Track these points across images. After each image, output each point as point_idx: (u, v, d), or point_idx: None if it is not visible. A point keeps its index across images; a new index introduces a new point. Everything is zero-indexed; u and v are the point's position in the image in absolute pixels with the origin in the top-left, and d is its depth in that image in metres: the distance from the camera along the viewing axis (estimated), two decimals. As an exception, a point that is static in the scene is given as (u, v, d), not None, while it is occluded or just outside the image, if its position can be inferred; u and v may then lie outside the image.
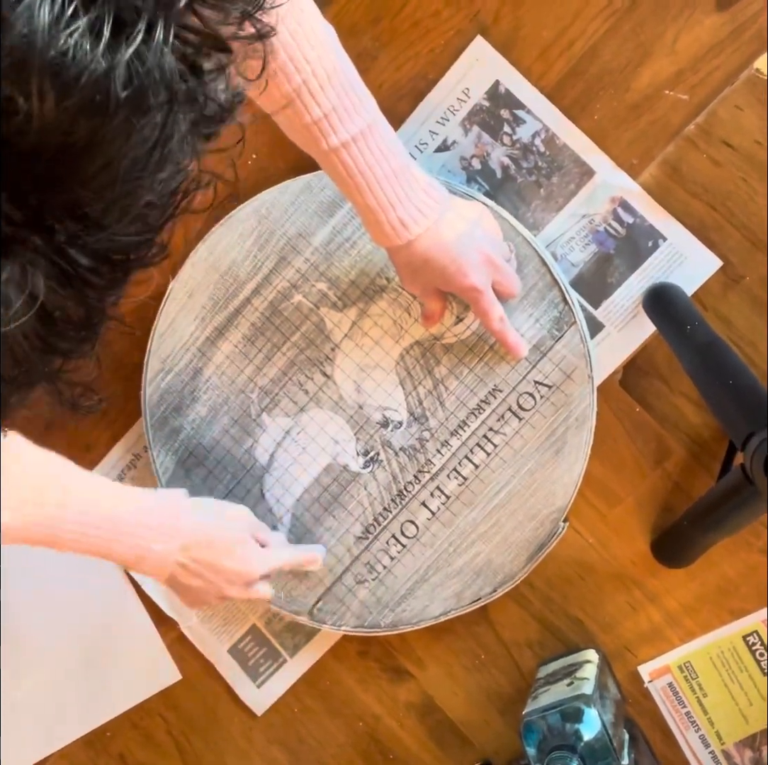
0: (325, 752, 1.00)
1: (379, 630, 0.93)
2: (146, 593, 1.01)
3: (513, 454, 0.89)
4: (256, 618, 0.99)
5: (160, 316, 0.95)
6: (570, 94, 0.87)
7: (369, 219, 0.78)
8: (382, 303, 0.90)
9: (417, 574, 0.91)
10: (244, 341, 0.93)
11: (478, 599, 0.91)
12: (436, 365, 0.90)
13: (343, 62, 0.73)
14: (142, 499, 0.82)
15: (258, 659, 1.00)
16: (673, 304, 0.84)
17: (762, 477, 0.69)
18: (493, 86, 0.89)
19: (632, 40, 0.85)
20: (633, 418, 0.88)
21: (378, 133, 0.75)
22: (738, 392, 0.74)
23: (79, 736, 1.04)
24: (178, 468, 0.95)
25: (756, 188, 0.84)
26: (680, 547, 0.86)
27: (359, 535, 0.92)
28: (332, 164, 0.75)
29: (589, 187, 0.88)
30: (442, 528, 0.91)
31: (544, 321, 0.87)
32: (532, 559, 0.89)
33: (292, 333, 0.92)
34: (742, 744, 0.89)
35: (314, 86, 0.71)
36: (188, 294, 0.94)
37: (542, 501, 0.88)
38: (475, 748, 0.96)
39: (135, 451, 1.00)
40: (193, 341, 0.94)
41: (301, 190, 0.91)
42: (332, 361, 0.92)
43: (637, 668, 0.91)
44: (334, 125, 0.73)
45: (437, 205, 0.79)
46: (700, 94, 0.84)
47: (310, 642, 0.98)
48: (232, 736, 1.02)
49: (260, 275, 0.93)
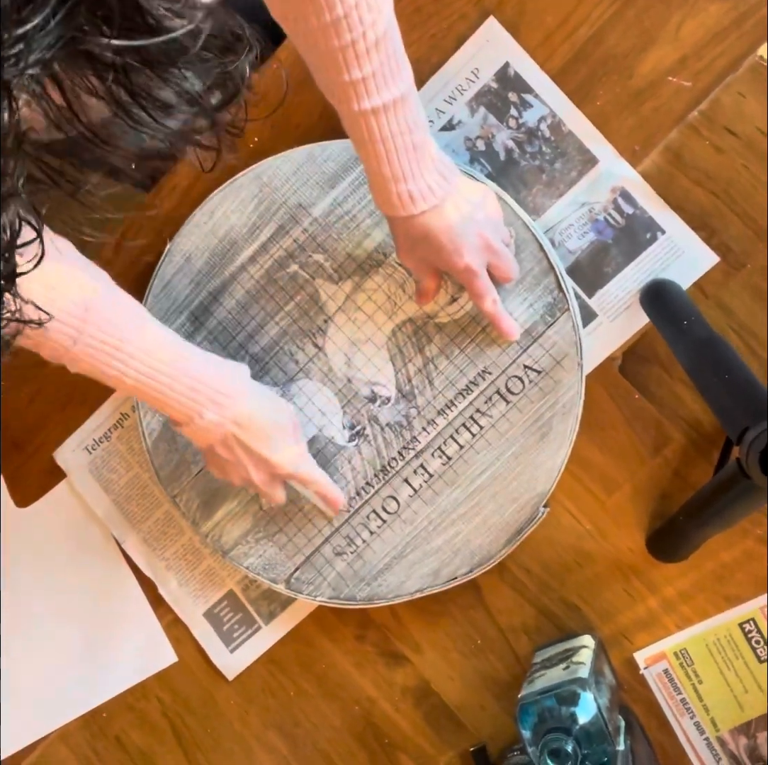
0: (320, 735, 1.00)
1: (354, 603, 0.93)
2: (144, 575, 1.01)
3: (498, 437, 0.89)
4: (234, 583, 1.00)
5: (155, 277, 0.95)
6: (573, 79, 0.87)
7: (379, 186, 0.78)
8: (378, 278, 0.90)
9: (395, 549, 0.92)
10: (238, 308, 0.93)
11: (454, 578, 0.91)
12: (428, 344, 0.90)
13: (393, 28, 0.73)
14: (208, 363, 0.83)
15: (233, 624, 1.00)
16: (670, 299, 0.84)
17: (758, 471, 0.69)
18: (503, 68, 0.88)
19: (636, 26, 0.85)
20: (632, 405, 0.88)
21: (409, 104, 0.75)
22: (734, 387, 0.74)
23: (76, 717, 1.04)
24: (164, 430, 0.96)
25: (758, 176, 0.84)
26: (675, 542, 0.86)
27: (340, 508, 0.92)
28: (357, 125, 0.75)
29: (591, 176, 0.88)
30: (423, 506, 0.91)
31: (538, 306, 0.87)
32: (511, 542, 0.89)
33: (286, 302, 0.92)
34: (737, 731, 0.89)
35: (361, 48, 0.70)
36: (185, 257, 0.94)
37: (524, 485, 0.88)
38: (470, 733, 0.96)
39: (123, 411, 1.01)
40: (187, 305, 0.94)
41: (304, 160, 0.91)
42: (324, 333, 0.92)
43: (633, 655, 0.91)
44: (369, 90, 0.72)
45: (447, 184, 0.79)
46: (704, 81, 0.84)
47: (285, 611, 0.98)
48: (227, 719, 1.02)
49: (258, 243, 0.92)
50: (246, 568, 0.95)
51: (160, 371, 0.79)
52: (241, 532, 0.95)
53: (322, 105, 0.93)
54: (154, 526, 1.01)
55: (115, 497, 1.02)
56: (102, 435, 1.02)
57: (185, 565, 1.01)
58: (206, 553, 1.00)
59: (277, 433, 0.85)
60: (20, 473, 1.05)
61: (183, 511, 0.96)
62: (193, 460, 0.95)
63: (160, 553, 1.01)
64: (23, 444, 1.04)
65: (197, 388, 0.81)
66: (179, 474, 0.96)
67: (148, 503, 1.01)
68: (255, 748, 1.02)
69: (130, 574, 1.02)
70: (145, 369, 0.79)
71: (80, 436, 1.02)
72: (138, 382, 0.79)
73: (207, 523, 0.96)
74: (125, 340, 0.78)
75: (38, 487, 1.04)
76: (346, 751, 0.99)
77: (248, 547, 0.95)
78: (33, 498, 1.04)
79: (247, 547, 0.95)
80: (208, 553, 0.99)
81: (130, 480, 1.01)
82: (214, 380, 0.82)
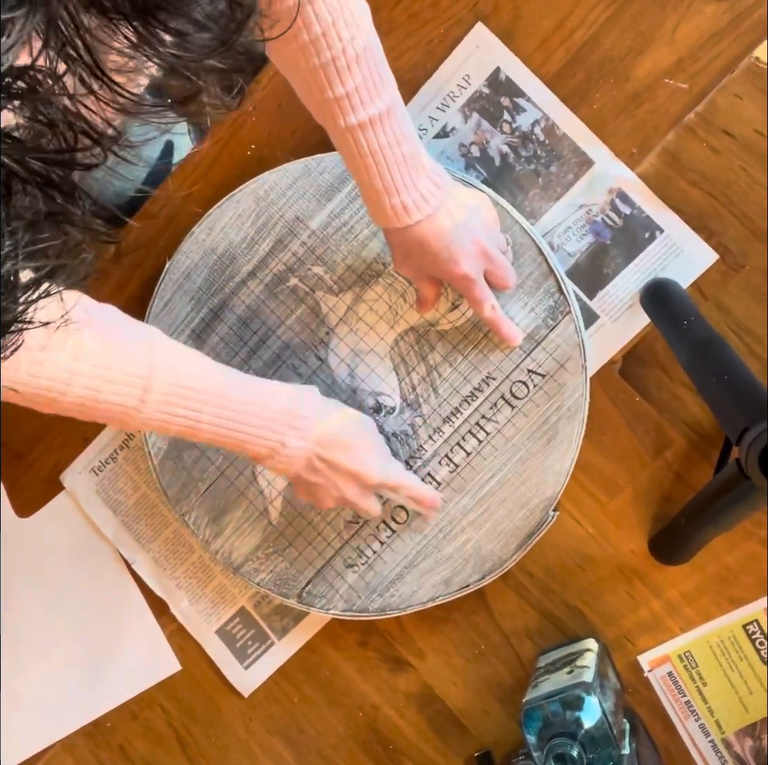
0: (324, 742, 1.00)
1: (367, 614, 0.93)
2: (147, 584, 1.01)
3: (505, 442, 0.89)
4: (245, 599, 0.99)
5: (155, 297, 0.95)
6: (570, 83, 0.87)
7: (372, 199, 0.78)
8: (378, 288, 0.90)
9: (406, 559, 0.92)
10: (239, 323, 0.94)
11: (466, 586, 0.91)
12: (430, 351, 0.90)
13: (373, 43, 0.73)
14: (278, 392, 0.81)
15: (246, 641, 1.00)
16: (671, 299, 0.84)
17: (757, 471, 0.69)
18: (494, 73, 0.89)
19: (632, 28, 0.85)
20: (633, 407, 0.88)
21: (395, 117, 0.75)
22: (733, 387, 0.74)
23: (80, 727, 1.04)
24: (170, 449, 0.95)
25: (756, 177, 0.84)
26: (677, 544, 0.86)
27: (349, 520, 0.92)
28: (345, 141, 0.75)
29: (588, 178, 0.88)
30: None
31: (539, 310, 0.87)
32: (522, 548, 0.89)
33: (288, 316, 0.92)
34: (742, 733, 0.89)
35: (342, 64, 0.71)
36: (185, 275, 0.94)
37: (533, 490, 0.88)
38: (474, 738, 0.96)
39: (128, 431, 1.01)
40: (189, 322, 0.94)
41: (299, 174, 0.91)
42: (327, 345, 0.92)
43: (637, 658, 0.91)
44: (354, 105, 0.73)
45: (440, 192, 0.79)
46: (700, 83, 0.84)
47: (298, 625, 0.98)
48: (232, 727, 1.02)
49: (257, 258, 0.93)
50: (257, 584, 0.95)
51: (236, 411, 0.77)
52: (250, 547, 0.95)
53: (318, 111, 0.94)
54: (164, 546, 1.01)
55: (123, 518, 1.01)
56: (108, 456, 1.01)
57: (196, 584, 1.00)
58: (217, 570, 0.99)
59: (359, 444, 0.84)
60: (21, 483, 1.05)
61: (192, 529, 0.96)
62: (201, 478, 0.95)
63: (170, 572, 1.01)
64: (24, 454, 1.04)
65: (275, 418, 0.79)
66: (187, 492, 0.96)
67: (156, 523, 1.01)
68: (259, 755, 1.02)
69: (132, 583, 1.02)
70: (219, 411, 0.76)
71: (87, 459, 1.02)
72: (215, 428, 0.77)
73: (217, 540, 0.95)
74: (192, 389, 0.75)
75: (39, 497, 1.04)
76: (351, 757, 0.99)
77: (259, 563, 0.95)
78: (34, 508, 1.04)
79: (257, 563, 0.95)
80: (218, 570, 0.99)
81: (138, 500, 1.01)
82: (289, 406, 0.80)
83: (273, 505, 0.94)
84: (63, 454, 1.03)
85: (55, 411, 0.72)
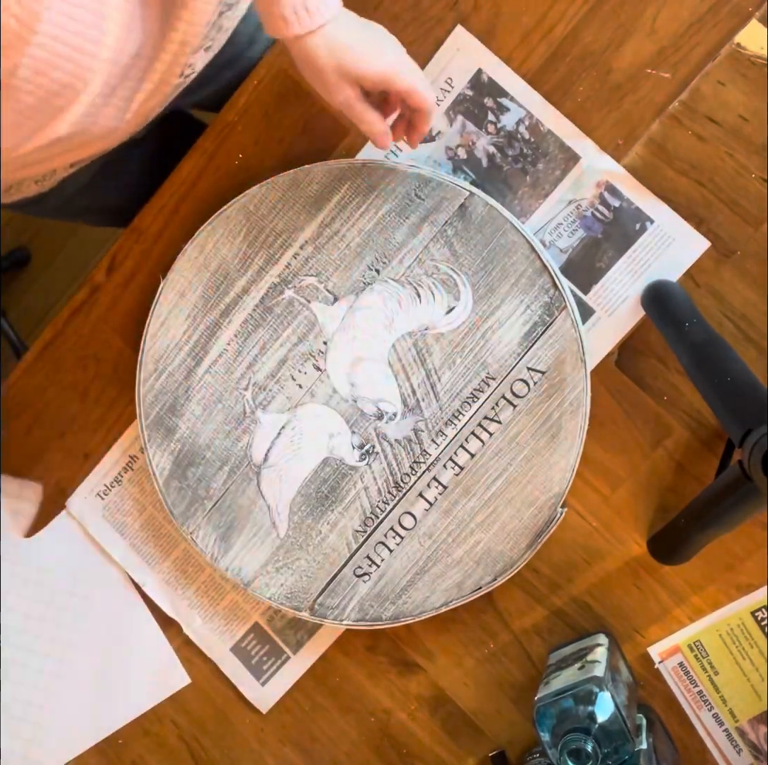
0: (338, 750, 0.99)
1: (381, 623, 0.93)
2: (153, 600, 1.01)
3: (509, 442, 0.89)
4: (258, 615, 0.99)
5: (151, 317, 0.95)
6: (552, 78, 0.87)
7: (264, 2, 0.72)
8: (372, 295, 0.90)
9: (417, 565, 0.91)
10: (236, 339, 0.93)
11: (479, 588, 0.90)
12: (428, 355, 0.90)
13: None
14: None
15: (261, 657, 1.00)
16: (672, 301, 0.84)
17: (760, 473, 0.68)
18: (476, 75, 0.89)
19: (612, 20, 0.85)
20: (631, 398, 0.88)
21: None
22: (735, 389, 0.73)
23: (92, 745, 1.04)
24: (174, 467, 0.95)
25: (742, 162, 0.84)
26: (677, 545, 0.85)
27: (357, 529, 0.92)
28: None
29: (575, 173, 0.88)
30: (440, 518, 0.91)
31: (535, 307, 0.87)
32: (532, 546, 0.89)
33: (284, 328, 0.92)
34: (756, 720, 0.89)
35: None
36: (179, 294, 0.94)
37: (540, 487, 0.88)
38: (488, 738, 0.95)
39: (131, 453, 1.00)
40: (186, 340, 0.94)
41: (288, 186, 0.91)
42: (325, 355, 0.92)
43: (647, 649, 0.90)
44: None
45: (337, 6, 0.74)
46: (683, 72, 0.84)
47: (312, 638, 0.98)
48: (244, 738, 1.02)
49: (250, 272, 0.92)
50: (269, 598, 0.95)
51: None
52: (260, 562, 0.94)
53: (304, 120, 0.94)
54: (173, 566, 1.00)
55: (131, 540, 1.01)
56: (113, 479, 1.01)
57: (208, 602, 1.00)
58: (228, 587, 0.99)
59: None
60: (22, 503, 1.04)
61: (201, 548, 0.96)
62: (206, 496, 0.95)
63: (181, 592, 1.00)
64: (23, 472, 1.04)
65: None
66: (194, 510, 0.95)
67: (164, 543, 1.00)
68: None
69: (137, 598, 1.02)
70: None
71: (91, 483, 1.02)
72: None
73: (226, 556, 0.95)
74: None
75: (40, 516, 1.04)
76: (365, 763, 0.99)
77: (269, 578, 0.94)
78: (36, 527, 1.04)
79: (267, 578, 0.94)
80: (230, 587, 0.99)
81: (144, 522, 1.01)
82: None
83: (279, 517, 0.94)
84: (63, 471, 1.03)
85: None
